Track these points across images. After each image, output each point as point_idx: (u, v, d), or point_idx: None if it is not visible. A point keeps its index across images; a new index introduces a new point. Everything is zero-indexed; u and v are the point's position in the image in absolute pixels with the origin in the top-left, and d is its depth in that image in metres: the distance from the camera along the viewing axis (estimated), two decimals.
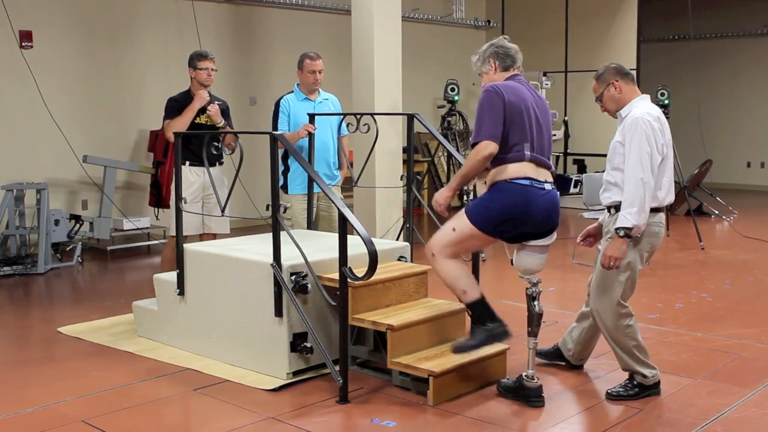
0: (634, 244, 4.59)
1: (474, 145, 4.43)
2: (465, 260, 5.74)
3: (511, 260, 4.73)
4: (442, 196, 4.63)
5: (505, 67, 4.71)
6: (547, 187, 4.51)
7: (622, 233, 4.47)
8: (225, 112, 6.92)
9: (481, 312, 4.62)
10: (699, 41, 15.43)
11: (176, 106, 6.72)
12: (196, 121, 6.68)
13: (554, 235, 4.65)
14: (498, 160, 4.44)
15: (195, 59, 6.77)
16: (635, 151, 4.47)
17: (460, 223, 4.53)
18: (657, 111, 4.63)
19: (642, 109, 4.59)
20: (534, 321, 4.64)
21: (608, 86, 4.72)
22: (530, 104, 4.54)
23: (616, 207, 4.60)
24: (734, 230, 10.74)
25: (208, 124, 6.69)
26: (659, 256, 8.93)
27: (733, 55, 15.88)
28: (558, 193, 4.64)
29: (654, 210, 4.60)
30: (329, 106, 6.90)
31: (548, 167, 4.59)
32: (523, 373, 4.67)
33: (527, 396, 4.63)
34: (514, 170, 4.44)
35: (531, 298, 4.65)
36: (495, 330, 4.60)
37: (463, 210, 4.57)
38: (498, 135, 4.38)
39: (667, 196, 4.66)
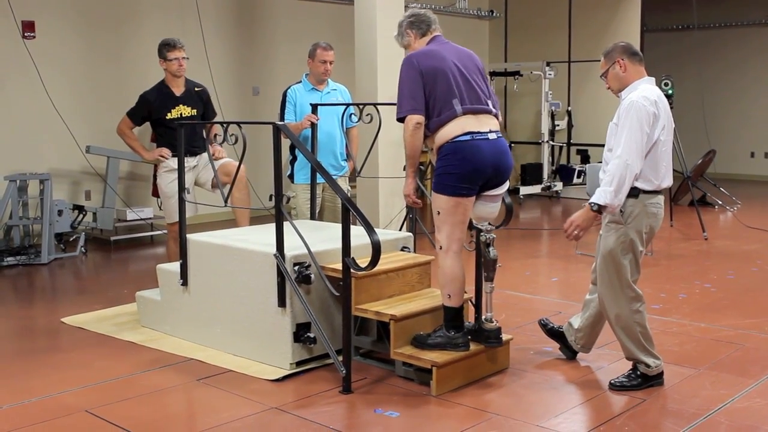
0: (633, 225, 4.59)
1: (399, 120, 4.63)
2: (468, 250, 5.75)
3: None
4: (406, 188, 4.85)
5: (422, 33, 4.87)
6: (491, 136, 4.63)
7: (594, 207, 4.49)
8: (205, 98, 6.89)
9: (453, 320, 4.76)
10: (703, 31, 15.40)
11: (137, 110, 6.75)
12: (167, 117, 6.65)
13: (507, 184, 4.80)
14: (434, 124, 4.60)
15: (163, 49, 6.66)
16: (626, 134, 4.47)
17: (436, 203, 4.67)
18: (656, 94, 4.60)
19: (641, 92, 4.58)
20: (489, 266, 4.81)
21: (614, 64, 4.71)
22: (450, 61, 4.66)
23: None
24: (738, 220, 10.73)
25: (183, 115, 6.66)
26: (662, 246, 8.92)
27: (737, 45, 15.84)
28: (504, 139, 4.76)
29: (652, 192, 4.60)
30: (337, 96, 6.88)
31: (489, 112, 4.71)
32: (483, 317, 4.83)
33: (487, 337, 4.82)
34: (452, 129, 4.57)
35: (485, 245, 4.83)
36: (456, 340, 4.74)
37: (433, 191, 4.68)
38: (417, 106, 4.56)
39: (665, 180, 4.65)
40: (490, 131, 4.64)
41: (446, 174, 4.59)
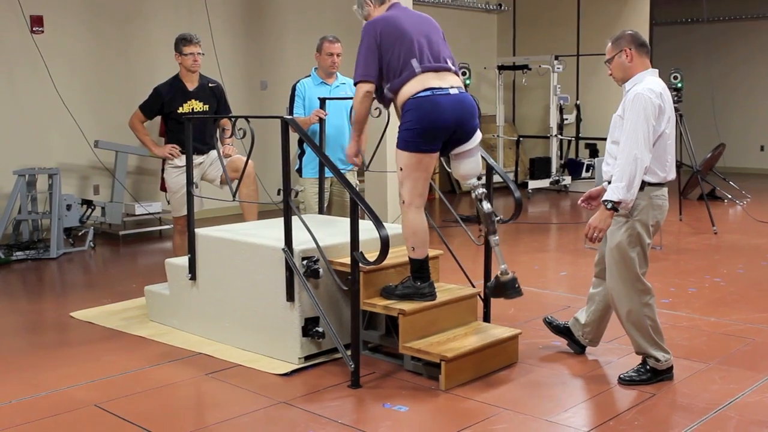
0: (639, 218, 4.57)
1: (356, 86, 4.78)
2: (477, 244, 5.74)
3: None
4: (349, 149, 5.13)
5: (381, 1, 4.99)
6: (452, 91, 4.69)
7: (609, 206, 4.47)
8: (218, 94, 6.89)
9: (420, 270, 4.87)
10: (712, 24, 15.35)
11: (150, 103, 6.75)
12: (178, 110, 6.65)
13: (478, 137, 4.85)
14: (395, 85, 4.69)
15: (180, 44, 6.68)
16: (632, 127, 4.45)
17: (399, 159, 4.74)
18: (660, 86, 4.59)
19: (645, 84, 4.56)
20: (487, 220, 4.87)
21: (621, 52, 4.69)
22: (406, 24, 4.76)
23: None
24: (747, 214, 10.69)
25: (195, 110, 6.67)
26: (672, 240, 8.90)
27: (747, 38, 15.78)
28: (468, 94, 4.83)
29: (657, 185, 4.59)
30: (346, 90, 6.87)
31: (449, 70, 4.78)
32: (498, 272, 4.85)
33: (505, 290, 4.84)
34: (413, 87, 4.64)
35: (478, 200, 4.88)
36: (423, 290, 4.86)
37: (395, 147, 4.76)
38: (370, 72, 4.70)
39: (671, 172, 4.64)
40: (452, 87, 4.71)
41: (408, 130, 4.66)
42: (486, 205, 4.85)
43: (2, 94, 9.22)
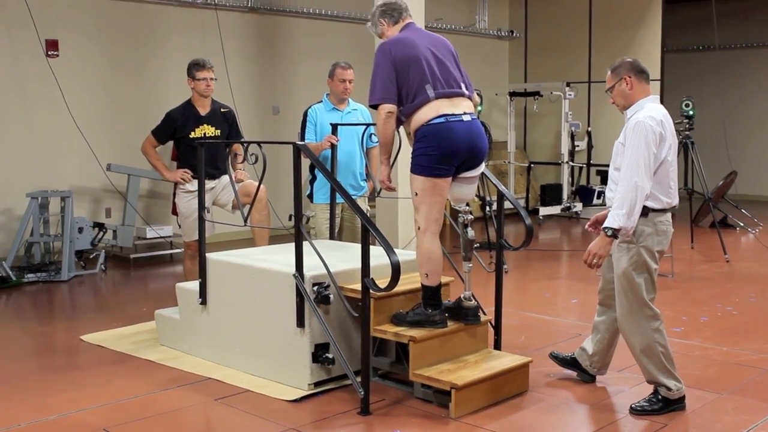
0: (644, 244, 4.57)
1: (372, 107, 4.82)
2: (488, 271, 5.73)
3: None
4: (381, 174, 5.07)
5: (395, 20, 5.00)
6: (465, 118, 4.72)
7: (609, 233, 4.48)
8: (230, 119, 6.92)
9: (431, 298, 4.86)
10: (724, 51, 15.35)
11: (162, 128, 6.77)
12: (190, 135, 6.68)
13: (482, 167, 4.94)
14: (408, 109, 4.72)
15: (193, 69, 6.72)
16: (632, 154, 4.47)
17: (414, 184, 4.76)
18: (661, 113, 4.61)
19: (646, 111, 4.57)
20: (467, 247, 4.94)
21: (620, 80, 4.71)
22: (423, 48, 4.77)
23: None
24: (760, 242, 10.64)
25: (207, 135, 6.69)
26: (684, 269, 8.86)
27: (759, 66, 15.77)
28: (479, 121, 4.87)
29: (661, 211, 4.59)
30: (358, 116, 6.89)
31: (462, 95, 4.81)
32: (461, 295, 4.96)
33: (465, 315, 4.95)
34: (427, 113, 4.67)
35: (463, 226, 4.96)
36: (433, 317, 4.84)
37: (410, 173, 4.78)
38: (389, 95, 4.69)
39: (674, 199, 4.65)
40: (464, 113, 4.74)
41: (423, 156, 4.68)
42: (470, 232, 4.94)
43: (17, 117, 9.28)
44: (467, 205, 5.00)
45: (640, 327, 4.62)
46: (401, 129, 4.97)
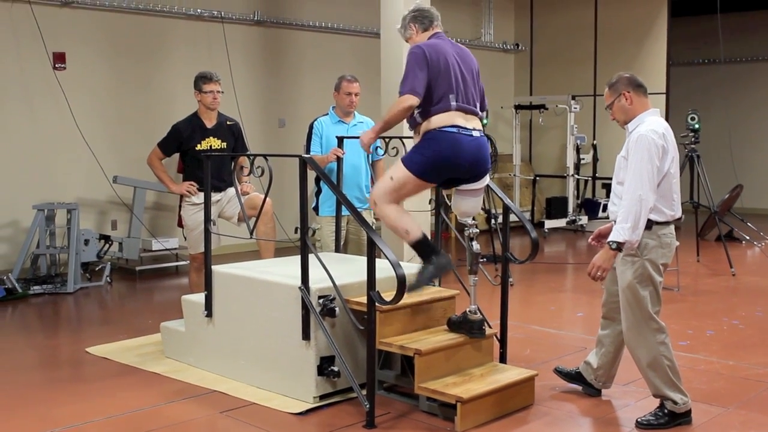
0: (649, 257, 4.57)
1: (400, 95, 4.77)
2: (493, 284, 5.74)
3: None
4: (366, 136, 5.01)
5: (425, 28, 5.06)
6: (475, 134, 4.79)
7: (614, 246, 4.48)
8: (236, 132, 6.93)
9: (425, 249, 4.84)
10: (730, 65, 15.35)
11: (168, 140, 6.80)
12: (196, 148, 6.70)
13: (486, 179, 4.98)
14: (426, 112, 4.75)
15: (200, 81, 6.74)
16: (636, 168, 4.48)
17: (396, 172, 4.78)
18: (663, 126, 4.62)
19: (648, 125, 4.58)
20: (473, 260, 4.99)
21: (619, 96, 4.73)
22: (452, 59, 4.84)
23: None
24: (766, 256, 10.62)
25: (213, 147, 6.71)
26: (689, 282, 8.84)
27: (765, 80, 15.77)
28: (486, 139, 4.92)
29: (664, 223, 4.60)
30: (363, 129, 6.88)
31: (476, 114, 4.88)
32: (467, 309, 4.98)
33: (471, 328, 4.99)
34: (442, 119, 4.72)
35: (469, 239, 4.99)
36: (440, 261, 4.82)
37: (400, 159, 4.85)
38: (419, 90, 4.68)
39: (677, 211, 4.66)
40: (474, 129, 4.81)
41: (420, 155, 4.74)
42: (476, 246, 4.97)
43: (24, 130, 9.31)
44: (473, 219, 5.01)
45: (646, 340, 4.62)
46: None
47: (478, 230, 5.00)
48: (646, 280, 4.59)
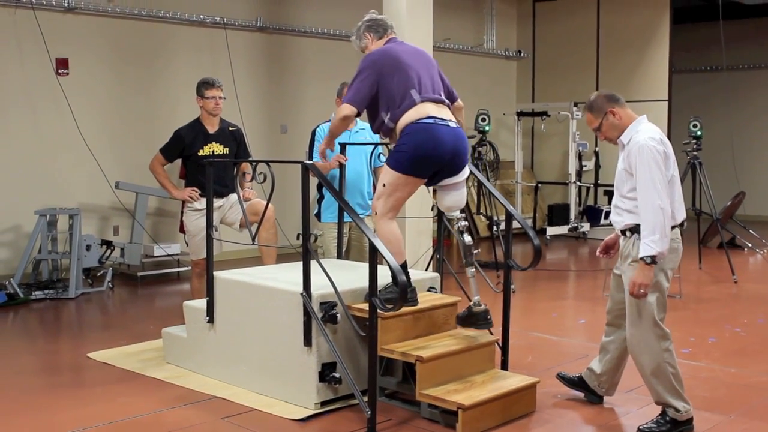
0: (659, 263, 4.55)
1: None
2: (495, 291, 5.74)
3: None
4: (321, 146, 5.22)
5: (379, 36, 5.17)
6: (451, 124, 4.85)
7: (648, 260, 4.46)
8: (238, 138, 6.94)
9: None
10: (732, 72, 15.35)
11: (171, 146, 6.80)
12: (198, 153, 6.70)
13: (466, 171, 5.04)
14: (395, 115, 4.82)
15: (202, 87, 6.76)
16: (647, 179, 4.46)
17: (386, 177, 4.85)
18: (659, 133, 4.62)
19: (644, 134, 4.58)
20: (466, 252, 5.07)
21: (606, 115, 4.73)
22: (405, 57, 4.92)
23: (631, 230, 4.62)
24: None
25: (215, 152, 6.71)
26: (691, 290, 8.83)
27: (767, 87, 15.75)
28: (463, 130, 4.98)
29: (671, 228, 4.58)
30: (365, 135, 6.88)
31: (443, 102, 4.94)
32: (471, 302, 5.04)
33: (476, 320, 5.02)
34: (415, 114, 4.77)
35: (459, 233, 5.07)
36: (407, 294, 4.80)
37: (386, 164, 4.90)
38: (359, 100, 4.84)
39: (681, 213, 4.66)
40: (450, 120, 4.88)
41: (403, 152, 4.78)
42: (467, 238, 5.03)
43: (26, 135, 9.31)
44: (461, 212, 5.08)
45: (650, 347, 4.61)
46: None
47: (467, 222, 5.09)
48: (654, 285, 4.57)
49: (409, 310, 4.94)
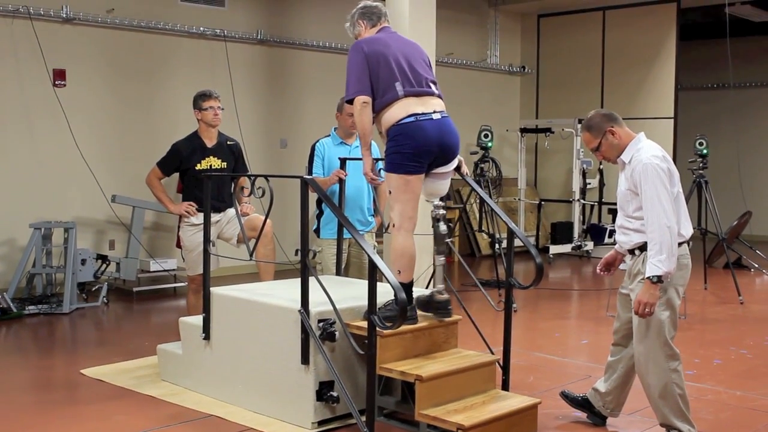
0: (670, 280, 4.50)
1: (349, 102, 4.97)
2: (497, 310, 5.64)
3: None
4: (365, 167, 5.13)
5: (372, 23, 5.17)
6: (435, 116, 4.84)
7: (655, 280, 4.40)
8: (236, 152, 6.87)
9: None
10: (739, 90, 15.30)
11: (168, 160, 6.73)
12: (196, 167, 6.62)
13: (455, 162, 5.04)
14: (378, 105, 4.87)
15: (199, 99, 6.70)
16: (654, 198, 4.42)
17: (389, 182, 4.89)
18: (660, 149, 4.59)
19: (645, 152, 4.54)
20: (439, 241, 5.07)
21: (605, 135, 4.70)
22: (394, 48, 4.93)
23: (640, 248, 4.58)
24: None
25: (213, 166, 6.63)
26: (697, 310, 8.73)
27: None
28: (449, 118, 4.96)
29: (679, 244, 4.51)
30: None
31: (432, 94, 4.93)
32: (434, 289, 5.07)
33: (437, 308, 5.05)
34: (397, 112, 4.81)
35: (435, 220, 5.09)
36: (408, 312, 4.79)
37: (384, 171, 4.97)
38: (363, 88, 4.84)
39: (688, 229, 4.60)
40: (434, 111, 4.85)
41: (395, 154, 4.80)
42: (442, 227, 5.06)
43: (22, 147, 9.24)
44: (441, 200, 5.12)
45: (659, 366, 4.52)
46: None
47: (444, 212, 5.11)
48: (664, 303, 4.51)
49: (408, 328, 4.86)
